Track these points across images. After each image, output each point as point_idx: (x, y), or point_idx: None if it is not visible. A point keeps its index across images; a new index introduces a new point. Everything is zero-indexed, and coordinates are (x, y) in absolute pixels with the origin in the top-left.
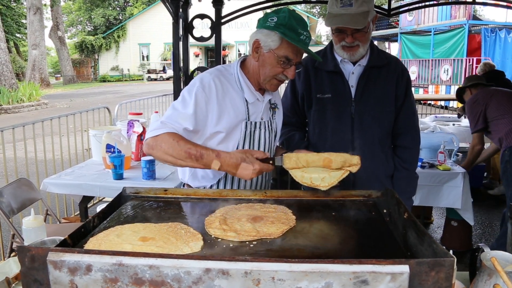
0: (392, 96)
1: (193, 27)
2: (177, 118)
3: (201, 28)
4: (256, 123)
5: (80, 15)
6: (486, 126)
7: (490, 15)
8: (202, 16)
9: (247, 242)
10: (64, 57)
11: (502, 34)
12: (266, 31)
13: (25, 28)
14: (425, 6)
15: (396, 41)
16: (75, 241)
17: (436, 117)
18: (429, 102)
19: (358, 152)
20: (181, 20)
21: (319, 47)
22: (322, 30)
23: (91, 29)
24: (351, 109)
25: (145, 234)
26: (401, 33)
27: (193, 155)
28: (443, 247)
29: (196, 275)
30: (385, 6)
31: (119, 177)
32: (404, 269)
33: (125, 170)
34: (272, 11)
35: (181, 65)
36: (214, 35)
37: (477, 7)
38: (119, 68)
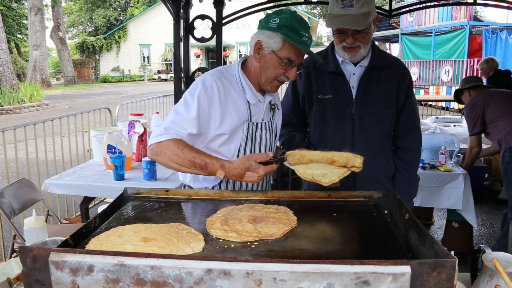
0: (393, 98)
1: (194, 28)
2: (181, 123)
3: (202, 29)
4: (258, 124)
5: (81, 16)
6: (484, 129)
7: (491, 16)
8: (203, 17)
9: (249, 243)
10: (65, 58)
11: (503, 35)
12: (268, 32)
13: (26, 29)
14: (426, 7)
15: (397, 42)
16: (77, 242)
17: (437, 118)
18: (430, 103)
19: (359, 153)
20: (182, 21)
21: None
22: (323, 31)
23: (92, 30)
24: (352, 110)
25: (147, 235)
26: (402, 34)
27: (198, 164)
28: (445, 248)
29: (198, 276)
30: (386, 7)
31: (120, 178)
32: (406, 270)
33: (126, 171)
34: (274, 12)
35: (182, 66)
36: (215, 36)
37: (478, 8)
38: (120, 69)
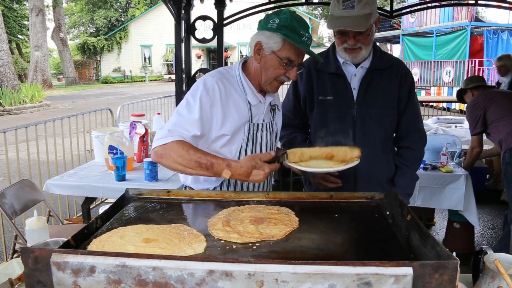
0: (395, 99)
1: (195, 29)
2: (184, 125)
3: (203, 30)
4: (259, 125)
5: (82, 17)
6: (485, 129)
7: (493, 17)
8: (204, 18)
9: (250, 244)
10: (66, 59)
11: (505, 36)
12: (268, 33)
13: (27, 30)
14: (427, 8)
15: (398, 43)
16: (78, 243)
17: (439, 119)
18: (431, 104)
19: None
20: (183, 22)
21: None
22: (324, 32)
23: (93, 31)
24: (353, 112)
25: (148, 236)
26: (403, 35)
27: (204, 164)
28: (447, 249)
29: (200, 277)
30: (387, 8)
31: (122, 179)
32: (408, 271)
33: (128, 172)
34: (273, 13)
35: (183, 67)
36: (216, 37)
37: (479, 9)
38: (121, 70)
